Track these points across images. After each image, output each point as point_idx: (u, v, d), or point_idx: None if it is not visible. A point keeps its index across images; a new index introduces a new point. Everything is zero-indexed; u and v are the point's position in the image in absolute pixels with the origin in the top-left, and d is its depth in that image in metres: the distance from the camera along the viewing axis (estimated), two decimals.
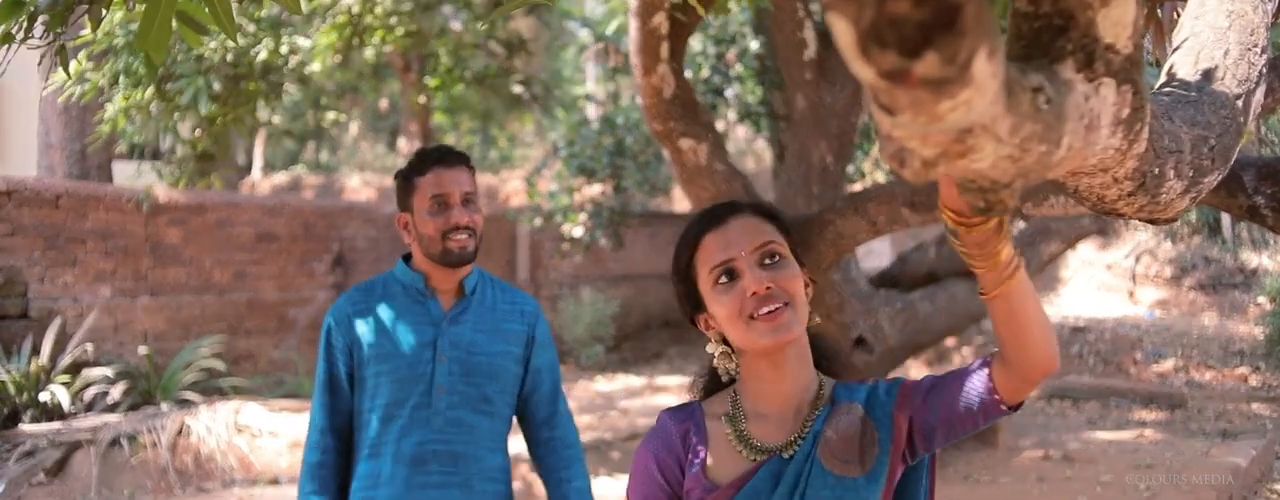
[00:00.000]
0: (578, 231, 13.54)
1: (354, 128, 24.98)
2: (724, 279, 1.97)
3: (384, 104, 20.57)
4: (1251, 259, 18.24)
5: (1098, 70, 1.59)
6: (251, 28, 6.26)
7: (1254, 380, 12.95)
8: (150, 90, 5.97)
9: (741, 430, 1.99)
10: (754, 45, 12.65)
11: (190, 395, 9.36)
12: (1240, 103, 2.47)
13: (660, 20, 5.74)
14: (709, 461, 1.98)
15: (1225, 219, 18.78)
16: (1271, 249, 18.96)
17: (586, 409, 11.61)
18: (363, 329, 3.23)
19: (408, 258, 3.37)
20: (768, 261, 1.97)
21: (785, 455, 1.94)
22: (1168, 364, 12.95)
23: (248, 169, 20.78)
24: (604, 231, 13.63)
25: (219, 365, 10.02)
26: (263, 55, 5.93)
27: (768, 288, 1.93)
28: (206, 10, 2.69)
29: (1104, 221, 8.46)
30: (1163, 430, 9.54)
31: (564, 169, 14.05)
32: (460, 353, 3.23)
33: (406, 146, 16.55)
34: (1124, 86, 1.66)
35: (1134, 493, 6.91)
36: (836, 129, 8.21)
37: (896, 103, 1.09)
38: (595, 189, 13.77)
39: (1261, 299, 16.33)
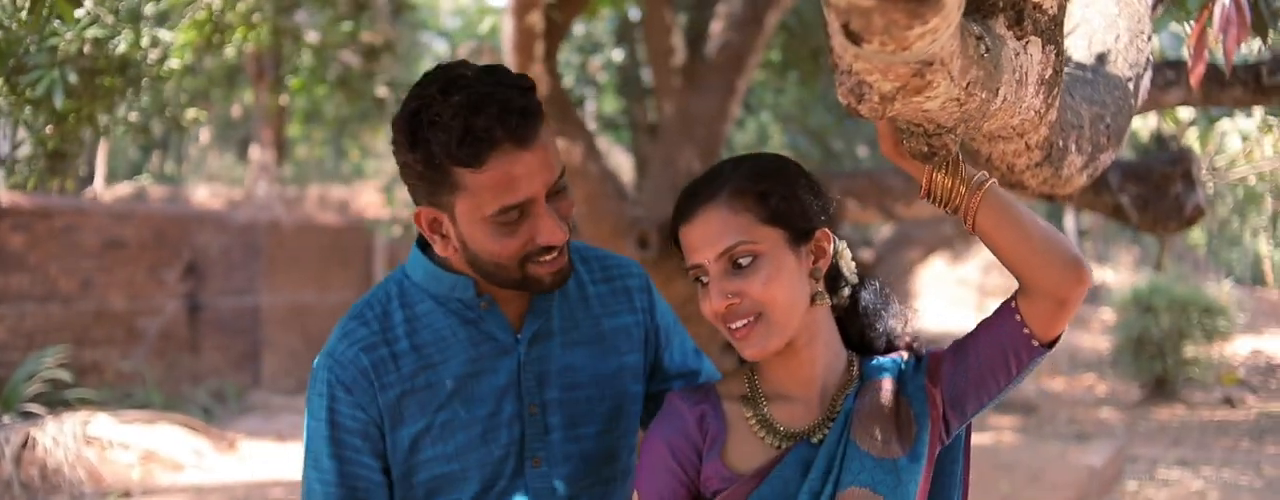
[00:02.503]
0: None
1: (204, 136, 24.37)
2: (701, 279, 1.77)
3: (236, 111, 20.10)
4: (1095, 274, 18.90)
5: (1026, 28, 1.60)
6: (110, 19, 6.03)
7: (1101, 388, 13.40)
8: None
9: (763, 414, 1.79)
10: (617, 55, 12.68)
11: (34, 407, 8.96)
12: (1131, 85, 2.53)
13: (536, 18, 5.70)
14: (728, 448, 1.77)
15: (1068, 234, 19.42)
16: (1114, 263, 19.66)
17: None
18: (396, 392, 1.91)
19: (425, 245, 2.01)
20: (737, 265, 1.73)
21: (814, 439, 1.76)
22: None
23: (90, 178, 20.07)
24: None
25: (65, 376, 9.62)
26: (122, 48, 5.71)
27: (729, 304, 1.72)
28: None
29: (963, 227, 8.63)
30: (1020, 434, 9.79)
31: None
32: (556, 392, 1.97)
33: (258, 155, 16.17)
34: (1049, 47, 1.67)
35: (995, 493, 7.05)
36: (703, 136, 8.24)
37: (870, 27, 1.07)
38: None
39: (1106, 312, 16.91)
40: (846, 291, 1.85)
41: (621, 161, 18.09)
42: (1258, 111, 9.19)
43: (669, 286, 4.61)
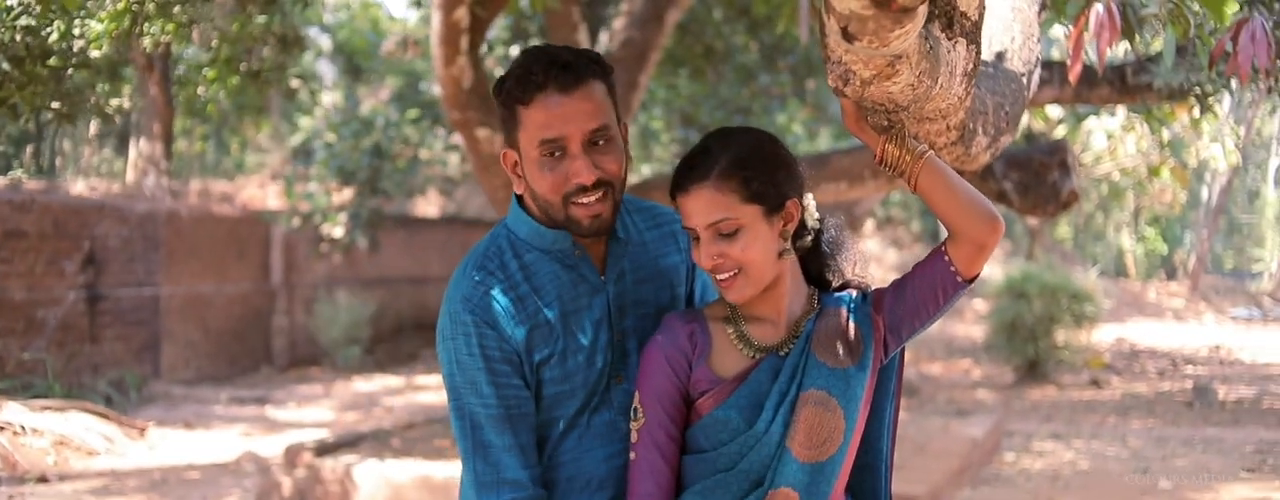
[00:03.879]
0: (339, 231, 13.62)
1: (86, 129, 23.99)
2: (695, 239, 2.20)
3: (123, 104, 19.83)
4: None
5: (955, 31, 2.01)
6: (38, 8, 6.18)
7: (977, 372, 14.09)
8: None
9: (742, 331, 2.23)
10: (515, 52, 12.96)
11: None
12: (1026, 79, 2.97)
13: (462, 14, 6.02)
14: (713, 358, 2.22)
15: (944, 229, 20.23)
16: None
17: (349, 407, 11.68)
18: (526, 328, 2.29)
19: (523, 201, 2.37)
20: (722, 234, 2.14)
21: (781, 353, 2.21)
22: None
23: None
24: (362, 233, 13.75)
25: None
26: (54, 37, 5.88)
27: (713, 264, 2.16)
28: None
29: (855, 215, 9.21)
30: (903, 411, 10.34)
31: (323, 170, 14.09)
32: (632, 321, 2.39)
33: (145, 148, 16.10)
34: (971, 46, 2.09)
35: None
36: None
37: (863, 29, 1.46)
38: (352, 191, 13.85)
39: (979, 303, 17.68)
40: (810, 237, 2.28)
41: None
42: (1121, 110, 9.87)
43: None
